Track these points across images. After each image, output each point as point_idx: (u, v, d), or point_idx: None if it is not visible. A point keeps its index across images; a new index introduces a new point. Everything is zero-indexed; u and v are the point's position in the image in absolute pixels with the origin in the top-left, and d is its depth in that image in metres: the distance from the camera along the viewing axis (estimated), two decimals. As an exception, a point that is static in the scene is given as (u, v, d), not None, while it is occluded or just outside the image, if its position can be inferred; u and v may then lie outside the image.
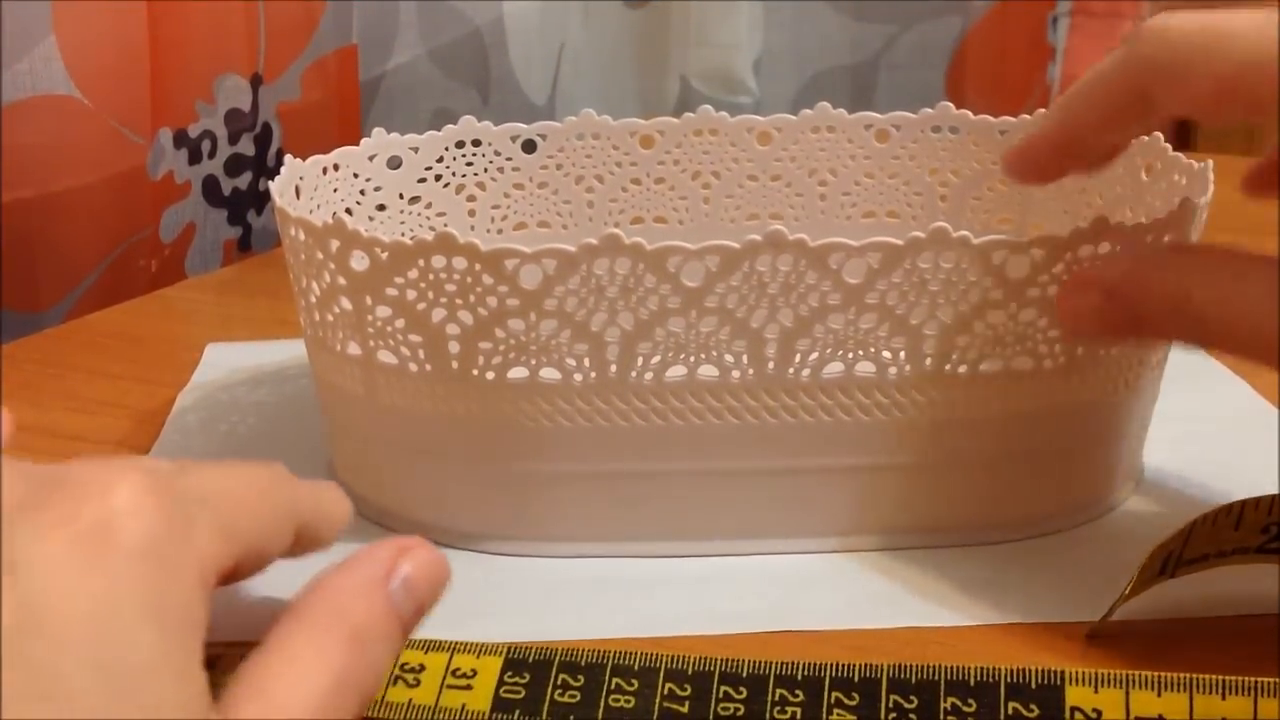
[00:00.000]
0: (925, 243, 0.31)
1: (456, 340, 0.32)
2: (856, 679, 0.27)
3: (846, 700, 0.26)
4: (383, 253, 0.32)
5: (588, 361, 0.32)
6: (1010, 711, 0.26)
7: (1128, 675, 0.26)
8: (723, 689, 0.27)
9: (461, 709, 0.27)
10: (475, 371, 0.33)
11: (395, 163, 0.44)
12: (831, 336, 0.32)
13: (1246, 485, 0.37)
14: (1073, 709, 0.26)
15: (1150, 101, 0.29)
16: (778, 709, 0.26)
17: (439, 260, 0.31)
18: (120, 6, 0.56)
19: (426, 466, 0.35)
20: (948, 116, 0.46)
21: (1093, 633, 0.31)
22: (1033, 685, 0.26)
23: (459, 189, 0.45)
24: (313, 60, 0.69)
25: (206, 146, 0.64)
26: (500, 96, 0.82)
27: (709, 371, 0.32)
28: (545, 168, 0.46)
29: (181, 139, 0.62)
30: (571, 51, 0.89)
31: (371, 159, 0.43)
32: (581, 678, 0.27)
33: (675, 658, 0.27)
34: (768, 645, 0.31)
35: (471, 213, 0.46)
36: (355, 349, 0.34)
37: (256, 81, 0.65)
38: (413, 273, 0.32)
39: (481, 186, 0.46)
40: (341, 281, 0.33)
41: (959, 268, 0.31)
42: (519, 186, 0.46)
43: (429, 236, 0.31)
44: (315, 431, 0.40)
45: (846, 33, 0.94)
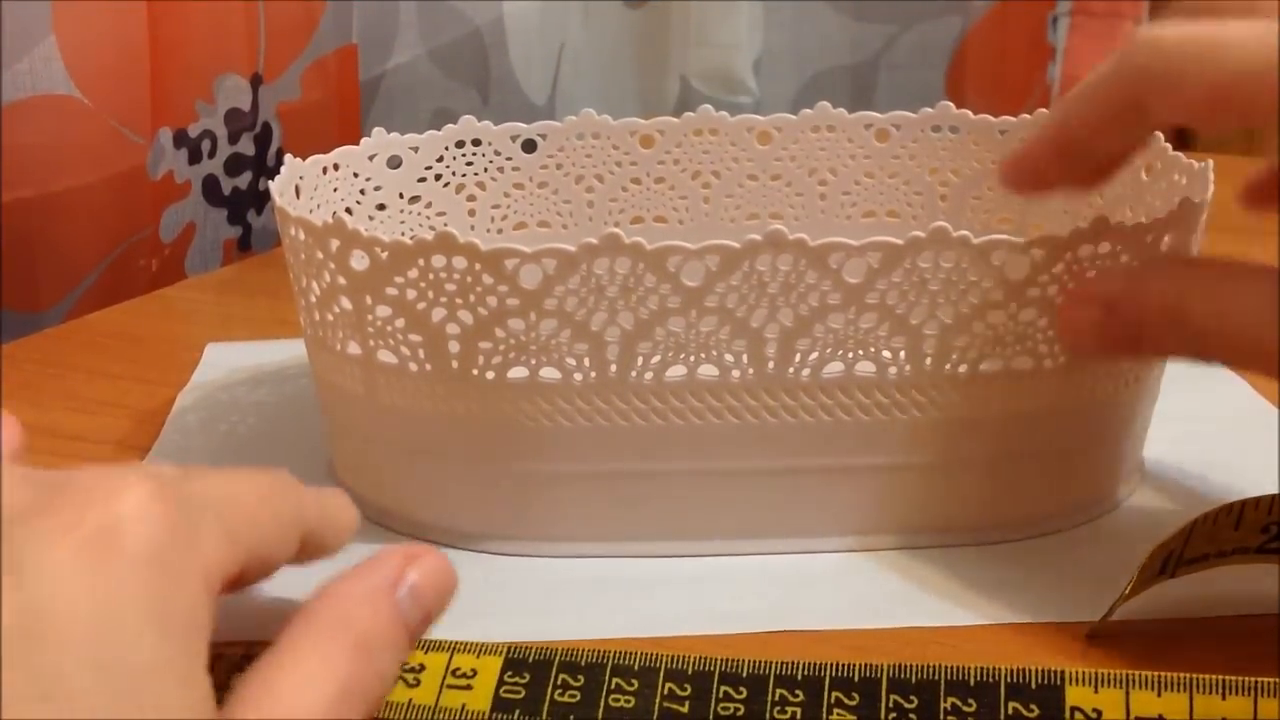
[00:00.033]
0: (925, 242, 0.31)
1: (456, 340, 0.32)
2: (856, 679, 0.27)
3: (846, 700, 0.26)
4: (383, 252, 0.32)
5: (588, 361, 0.32)
6: (1010, 711, 0.26)
7: (1128, 675, 0.26)
8: (723, 689, 0.27)
9: (461, 709, 0.27)
10: (475, 371, 0.33)
11: (395, 162, 0.44)
12: (831, 336, 0.32)
13: (1246, 485, 0.37)
14: (1073, 709, 0.26)
15: (1144, 111, 0.29)
16: (778, 709, 0.26)
17: (439, 260, 0.31)
18: (120, 6, 0.56)
19: (426, 466, 0.35)
20: (948, 116, 0.46)
21: (1093, 633, 0.31)
22: (1033, 685, 0.26)
23: (459, 189, 0.45)
24: (313, 60, 0.69)
25: (206, 146, 0.64)
26: (500, 96, 0.82)
27: (709, 371, 0.32)
28: (545, 167, 0.46)
29: (181, 139, 0.62)
30: (571, 51, 0.89)
31: (371, 159, 0.43)
32: (581, 678, 0.27)
33: (675, 658, 0.27)
34: (768, 645, 0.31)
35: (471, 212, 0.46)
36: (355, 349, 0.34)
37: (256, 81, 0.65)
38: (413, 272, 0.32)
39: (481, 186, 0.46)
40: (341, 281, 0.33)
41: (959, 267, 0.31)
42: (519, 186, 0.46)
43: (429, 236, 0.31)
44: (315, 431, 0.40)
45: (846, 33, 0.94)
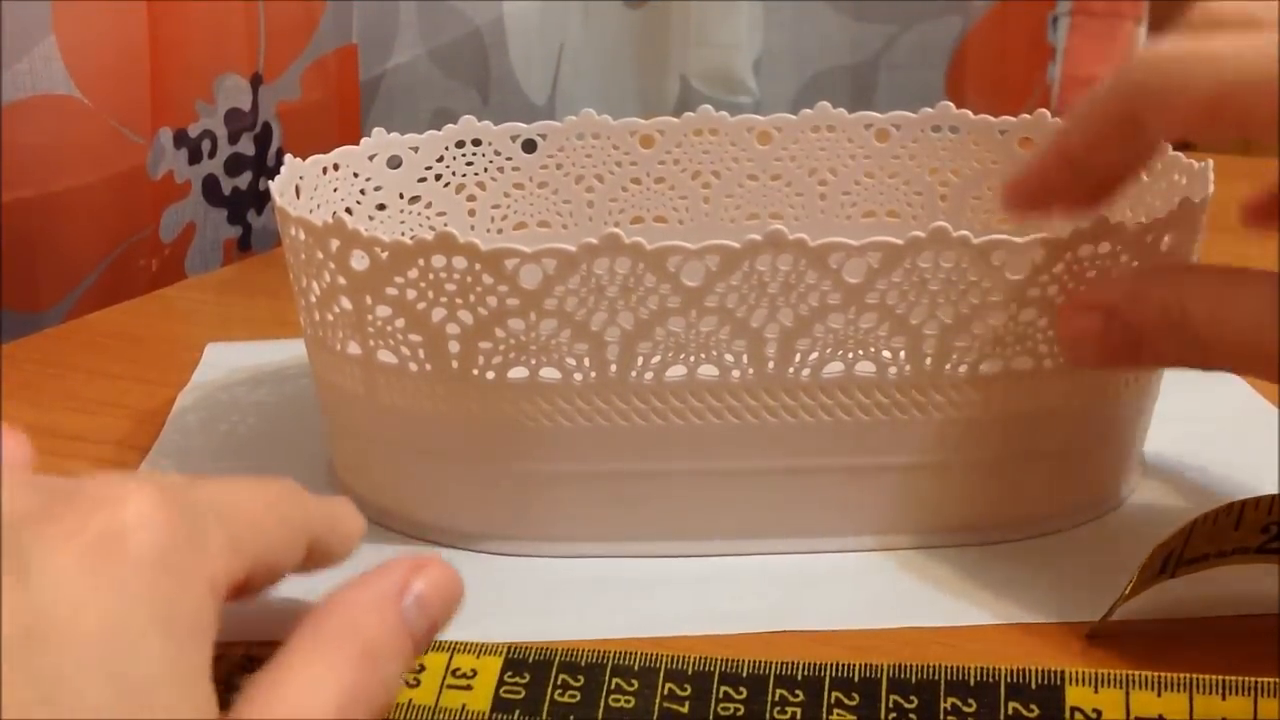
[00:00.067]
0: (925, 242, 0.31)
1: (456, 340, 0.32)
2: (856, 679, 0.27)
3: (846, 700, 0.26)
4: (383, 252, 0.32)
5: (588, 361, 0.32)
6: (1010, 711, 0.26)
7: (1128, 675, 0.26)
8: (723, 689, 0.27)
9: (461, 709, 0.27)
10: (475, 371, 0.33)
11: (395, 162, 0.44)
12: (831, 336, 0.32)
13: (1246, 485, 0.37)
14: (1073, 709, 0.26)
15: (1142, 125, 0.30)
16: (778, 709, 0.26)
17: (439, 260, 0.31)
18: (120, 6, 0.56)
19: (426, 466, 0.35)
20: (948, 116, 0.46)
21: (1093, 633, 0.31)
22: (1033, 685, 0.26)
23: (459, 189, 0.45)
24: (313, 60, 0.69)
25: (206, 146, 0.64)
26: (500, 96, 0.82)
27: (709, 371, 0.32)
28: (545, 167, 0.46)
29: (181, 139, 0.62)
30: (571, 51, 0.89)
31: (371, 159, 0.43)
32: (581, 678, 0.27)
33: (675, 658, 0.27)
34: (768, 645, 0.31)
35: (471, 212, 0.46)
36: (355, 349, 0.34)
37: (256, 81, 0.65)
38: (413, 272, 0.32)
39: (481, 186, 0.46)
40: (341, 281, 0.33)
41: (959, 267, 0.31)
42: (519, 186, 0.46)
43: (429, 236, 0.31)
44: (315, 431, 0.40)
45: (846, 33, 0.94)
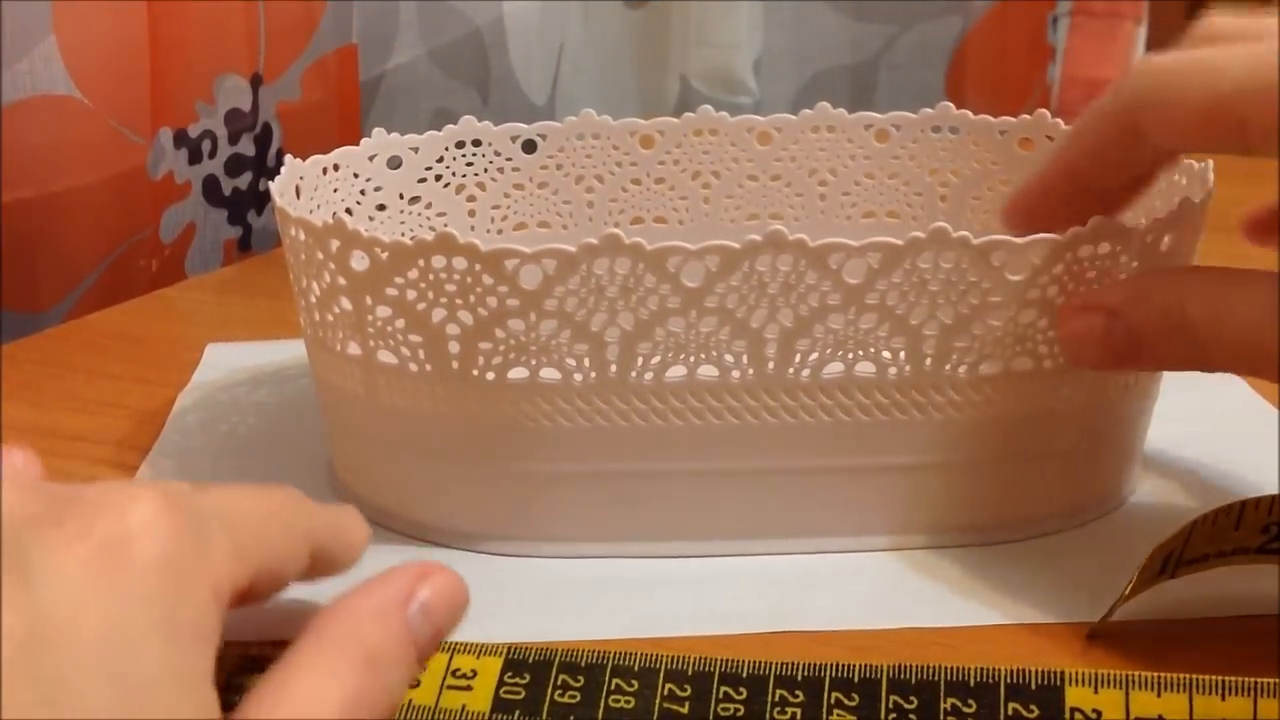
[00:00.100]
0: (925, 243, 0.31)
1: (456, 340, 0.32)
2: (856, 679, 0.27)
3: (846, 701, 0.26)
4: (383, 253, 0.32)
5: (588, 361, 0.32)
6: (1010, 712, 0.26)
7: (1128, 675, 0.26)
8: (723, 689, 0.27)
9: (461, 710, 0.27)
10: (475, 372, 0.33)
11: (395, 163, 0.44)
12: (831, 337, 0.32)
13: (1246, 485, 0.37)
14: (1072, 709, 0.26)
15: (1141, 135, 0.30)
16: (778, 709, 0.26)
17: (439, 260, 0.31)
18: (120, 6, 0.56)
19: (426, 466, 0.35)
20: (948, 117, 0.46)
21: (1093, 633, 0.31)
22: (1033, 686, 0.26)
23: (459, 189, 0.45)
24: (313, 60, 0.69)
25: (207, 146, 0.64)
26: (500, 96, 0.82)
27: (709, 371, 0.32)
28: (545, 168, 0.46)
29: (181, 139, 0.62)
30: (571, 51, 0.89)
31: (371, 159, 0.43)
32: (581, 678, 0.27)
33: (675, 658, 0.28)
34: (768, 646, 0.31)
35: (471, 213, 0.46)
36: (355, 349, 0.34)
37: (256, 81, 0.65)
38: (413, 273, 0.32)
39: (481, 186, 0.46)
40: (341, 281, 0.33)
41: (959, 268, 0.31)
42: (519, 186, 0.46)
43: (429, 237, 0.31)
44: (315, 432, 0.40)
45: (846, 33, 0.94)
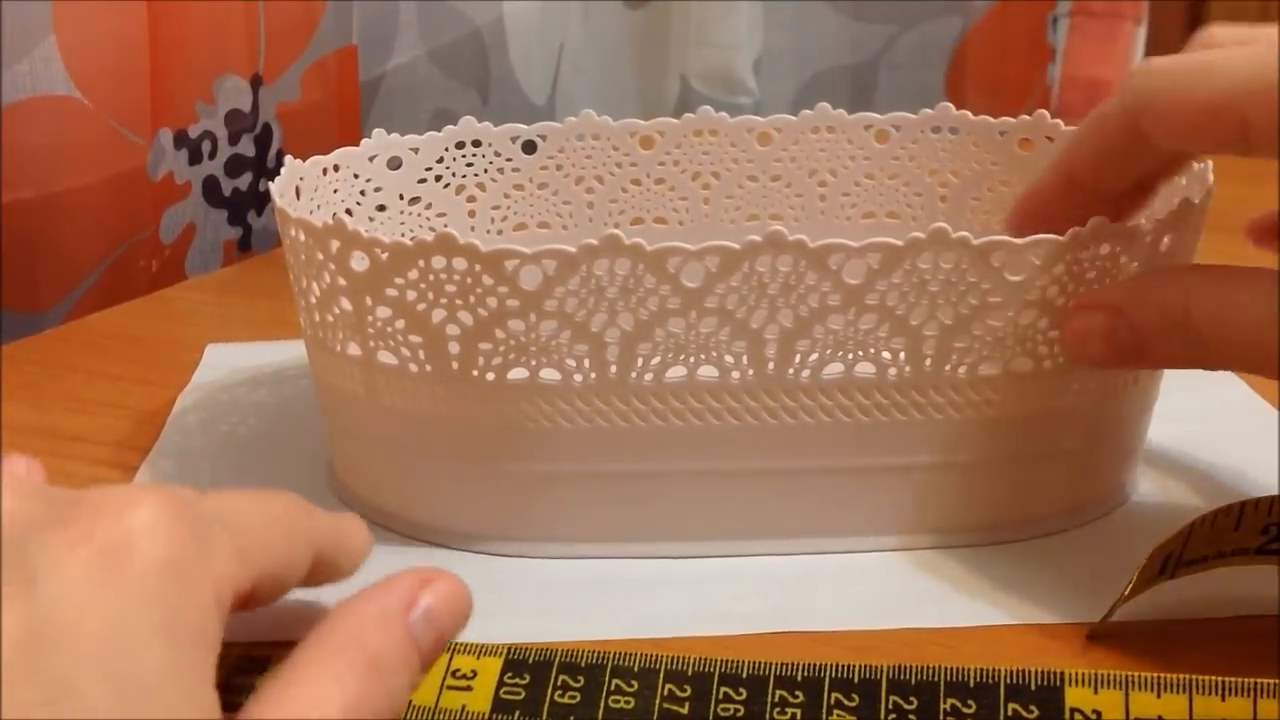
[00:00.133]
0: (925, 243, 0.31)
1: (456, 341, 0.32)
2: (856, 680, 0.27)
3: (846, 701, 0.26)
4: (383, 253, 0.32)
5: (588, 362, 0.32)
6: (1010, 712, 0.26)
7: (1127, 676, 0.26)
8: (723, 690, 0.27)
9: (461, 710, 0.27)
10: (475, 372, 0.33)
11: (395, 163, 0.44)
12: (831, 337, 0.32)
13: (1246, 485, 0.37)
14: (1072, 710, 0.26)
15: (1142, 136, 0.30)
16: (777, 710, 0.26)
17: (439, 261, 0.31)
18: (120, 6, 0.56)
19: (426, 467, 0.35)
20: (948, 117, 0.46)
21: (1093, 633, 0.31)
22: (1032, 686, 0.26)
23: (459, 190, 0.45)
24: (313, 61, 0.69)
25: (207, 147, 0.64)
26: (500, 97, 0.82)
27: (709, 372, 0.32)
28: (545, 168, 0.46)
29: (182, 139, 0.62)
30: (571, 51, 0.89)
31: (372, 160, 0.43)
32: (581, 678, 0.27)
33: (675, 658, 0.28)
34: (768, 646, 0.31)
35: (471, 213, 0.46)
36: (355, 350, 0.34)
37: (257, 82, 0.65)
38: (413, 273, 0.32)
39: (481, 187, 0.46)
40: (342, 282, 0.33)
41: (959, 269, 0.31)
42: (519, 187, 0.46)
43: (429, 237, 0.31)
44: (315, 432, 0.40)
45: (846, 33, 0.94)
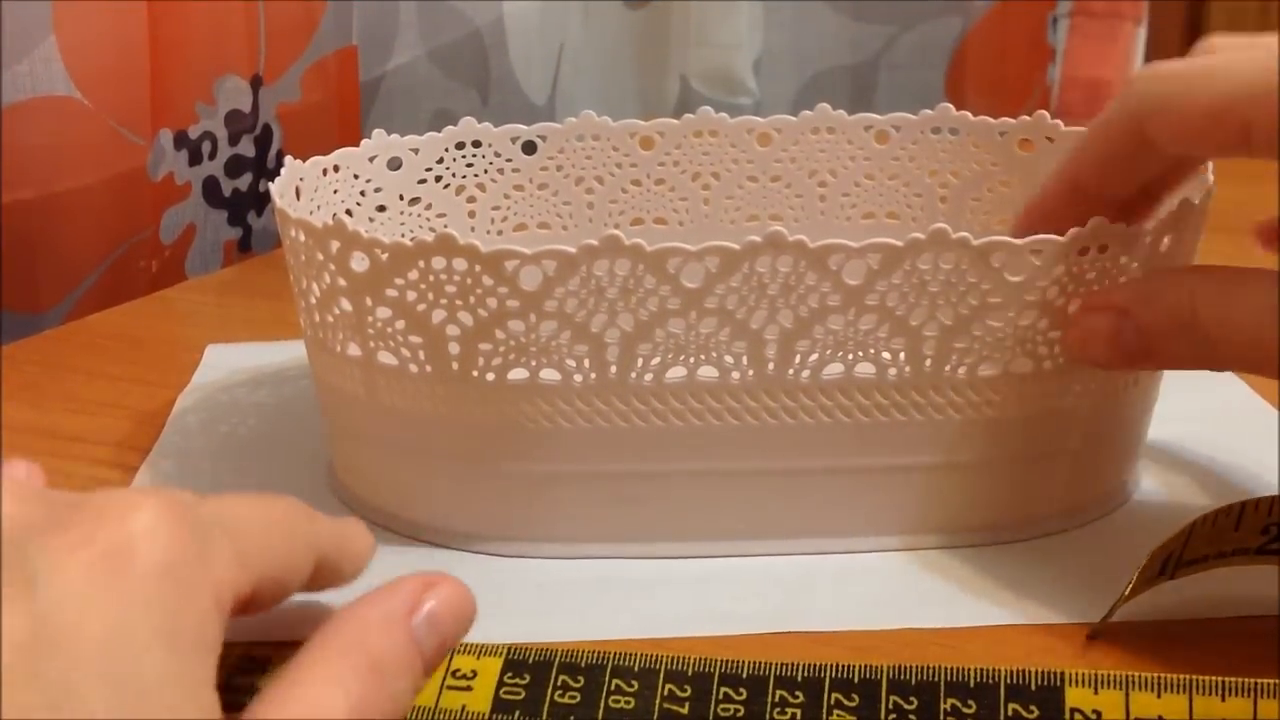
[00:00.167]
0: (925, 244, 0.31)
1: (457, 341, 0.32)
2: (856, 680, 0.27)
3: (846, 701, 0.26)
4: (383, 254, 0.32)
5: (588, 363, 0.32)
6: (1010, 713, 0.26)
7: (1128, 676, 0.26)
8: (723, 690, 0.27)
9: (461, 710, 0.27)
10: (475, 373, 0.33)
11: (395, 164, 0.44)
12: (831, 338, 0.32)
13: (1246, 485, 0.37)
14: (1073, 710, 0.26)
15: (1146, 141, 0.30)
16: (778, 710, 0.26)
17: (439, 261, 0.31)
18: (120, 6, 0.56)
19: (426, 467, 0.35)
20: (948, 118, 0.46)
21: (1093, 633, 0.31)
22: (1033, 686, 0.26)
23: (459, 190, 0.45)
24: (313, 61, 0.69)
25: (207, 148, 0.64)
26: (500, 97, 0.82)
27: (709, 372, 0.33)
28: (545, 169, 0.46)
29: (182, 140, 0.62)
30: (571, 51, 0.89)
31: (372, 160, 0.43)
32: (581, 679, 0.27)
33: (675, 659, 0.28)
34: (768, 646, 0.31)
35: (471, 214, 0.46)
36: (355, 350, 0.34)
37: (257, 83, 0.65)
38: (413, 274, 0.32)
39: (481, 188, 0.46)
40: (342, 283, 0.33)
41: (959, 269, 0.31)
42: (519, 188, 0.46)
43: (429, 238, 0.31)
44: (315, 433, 0.40)
45: (846, 33, 0.94)
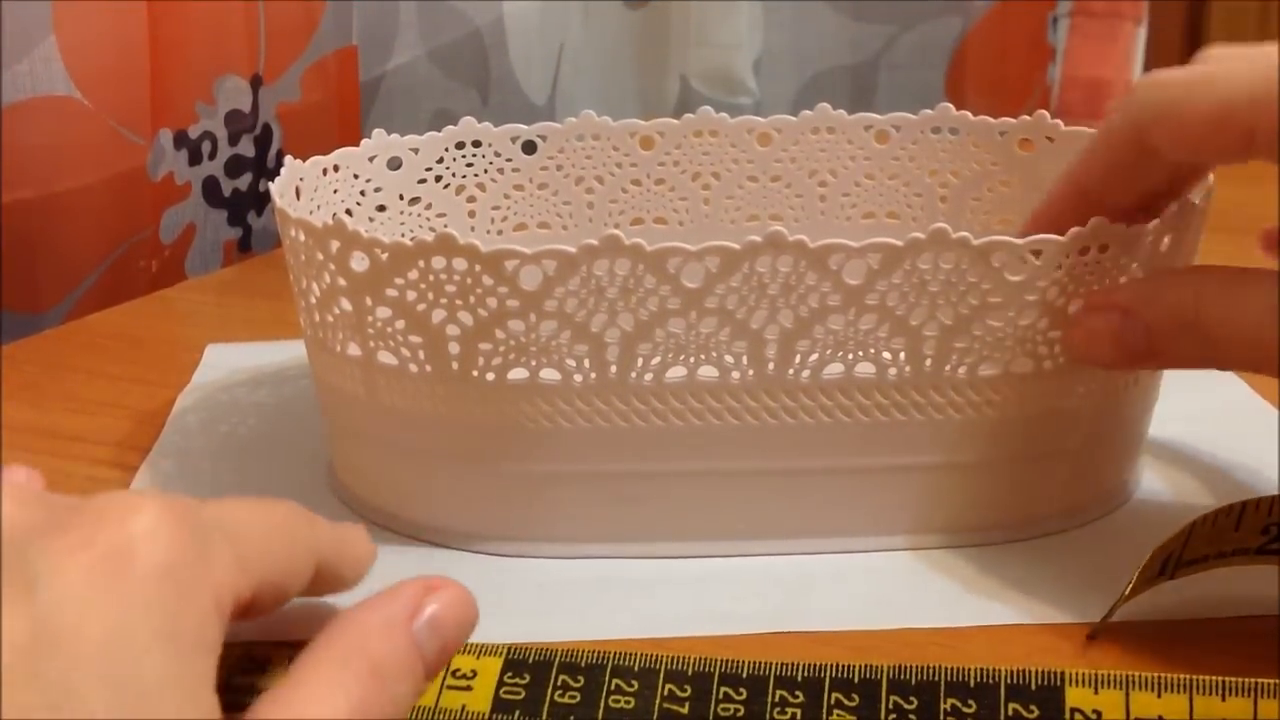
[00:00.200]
0: (925, 244, 0.31)
1: (456, 341, 0.32)
2: (856, 680, 0.27)
3: (846, 701, 0.26)
4: (383, 254, 0.32)
5: (588, 362, 0.32)
6: (1010, 712, 0.26)
7: (1128, 676, 0.26)
8: (723, 690, 0.27)
9: (461, 710, 0.27)
10: (475, 372, 0.33)
11: (395, 164, 0.44)
12: (831, 337, 0.32)
13: (1246, 485, 0.37)
14: (1073, 710, 0.26)
15: (1149, 149, 0.30)
16: (778, 710, 0.26)
17: (439, 261, 0.31)
18: (120, 6, 0.56)
19: (427, 467, 0.35)
20: (948, 118, 0.46)
21: (1093, 633, 0.31)
22: (1033, 686, 0.26)
23: (459, 190, 0.45)
24: (313, 61, 0.69)
25: (207, 147, 0.64)
26: (500, 97, 0.82)
27: (709, 372, 0.32)
28: (545, 169, 0.46)
29: (181, 140, 0.62)
30: (571, 51, 0.89)
31: (371, 160, 0.43)
32: (581, 678, 0.27)
33: (675, 658, 0.28)
34: (768, 646, 0.31)
35: (471, 214, 0.46)
36: (355, 350, 0.34)
37: (256, 82, 0.65)
38: (413, 274, 0.32)
39: (481, 187, 0.46)
40: (341, 282, 0.33)
41: (959, 269, 0.31)
42: (519, 187, 0.46)
43: (429, 237, 0.31)
44: (315, 432, 0.40)
45: (846, 33, 0.94)
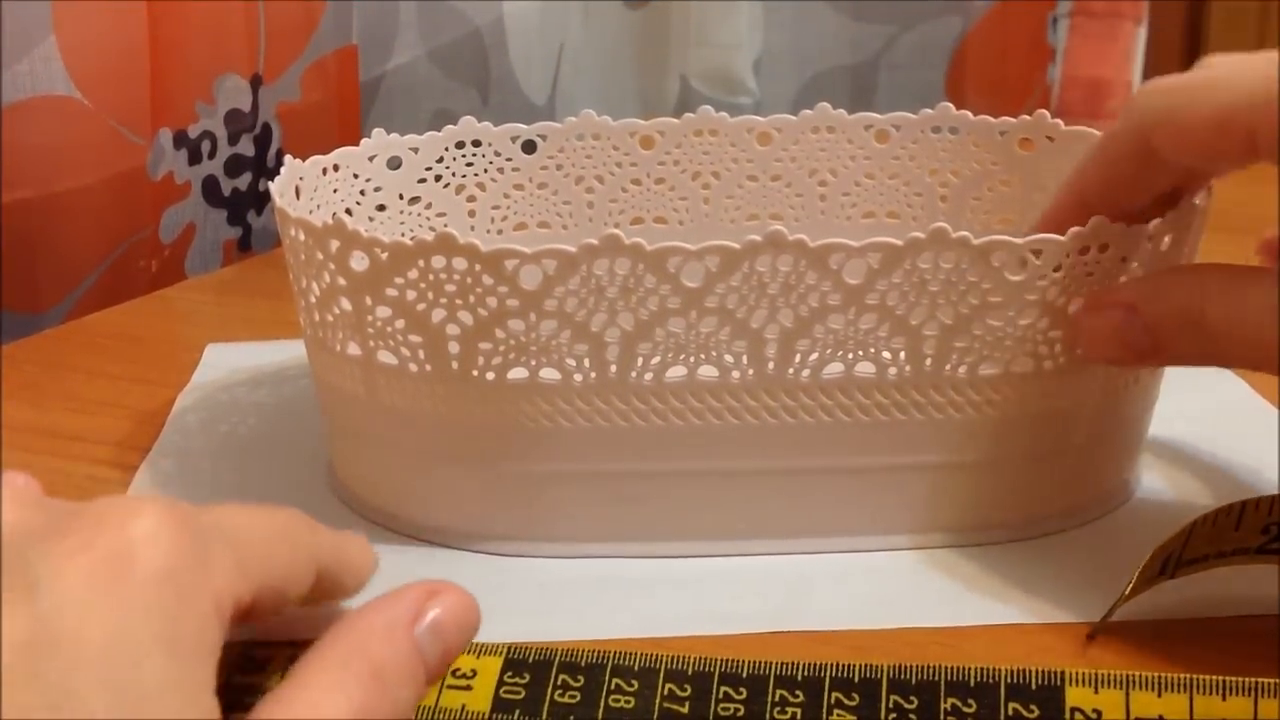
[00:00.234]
0: (925, 243, 0.31)
1: (456, 341, 0.32)
2: (856, 679, 0.27)
3: (846, 701, 0.26)
4: (383, 253, 0.32)
5: (588, 362, 0.32)
6: (1010, 712, 0.26)
7: (1128, 675, 0.26)
8: (723, 689, 0.27)
9: (461, 709, 0.27)
10: (475, 372, 0.33)
11: (395, 163, 0.44)
12: (831, 337, 0.32)
13: (1246, 485, 0.37)
14: (1073, 709, 0.26)
15: (1152, 154, 0.31)
16: (778, 709, 0.26)
17: (439, 261, 0.31)
18: (120, 6, 0.56)
19: (426, 466, 0.35)
20: (948, 117, 0.46)
21: (1093, 632, 0.31)
22: (1033, 686, 0.26)
23: (459, 189, 0.45)
24: (313, 61, 0.69)
25: (206, 147, 0.64)
26: (500, 96, 0.82)
27: (709, 372, 0.32)
28: (545, 168, 0.46)
29: (181, 139, 0.62)
30: (571, 51, 0.89)
31: (371, 159, 0.43)
32: (581, 678, 0.27)
33: (675, 658, 0.27)
34: (768, 645, 0.31)
35: (471, 213, 0.46)
36: (355, 349, 0.34)
37: (256, 82, 0.65)
38: (413, 273, 0.32)
39: (481, 187, 0.46)
40: (341, 282, 0.33)
41: (959, 268, 0.31)
42: (519, 187, 0.46)
43: (429, 237, 0.31)
44: (315, 432, 0.40)
45: (846, 33, 0.94)
